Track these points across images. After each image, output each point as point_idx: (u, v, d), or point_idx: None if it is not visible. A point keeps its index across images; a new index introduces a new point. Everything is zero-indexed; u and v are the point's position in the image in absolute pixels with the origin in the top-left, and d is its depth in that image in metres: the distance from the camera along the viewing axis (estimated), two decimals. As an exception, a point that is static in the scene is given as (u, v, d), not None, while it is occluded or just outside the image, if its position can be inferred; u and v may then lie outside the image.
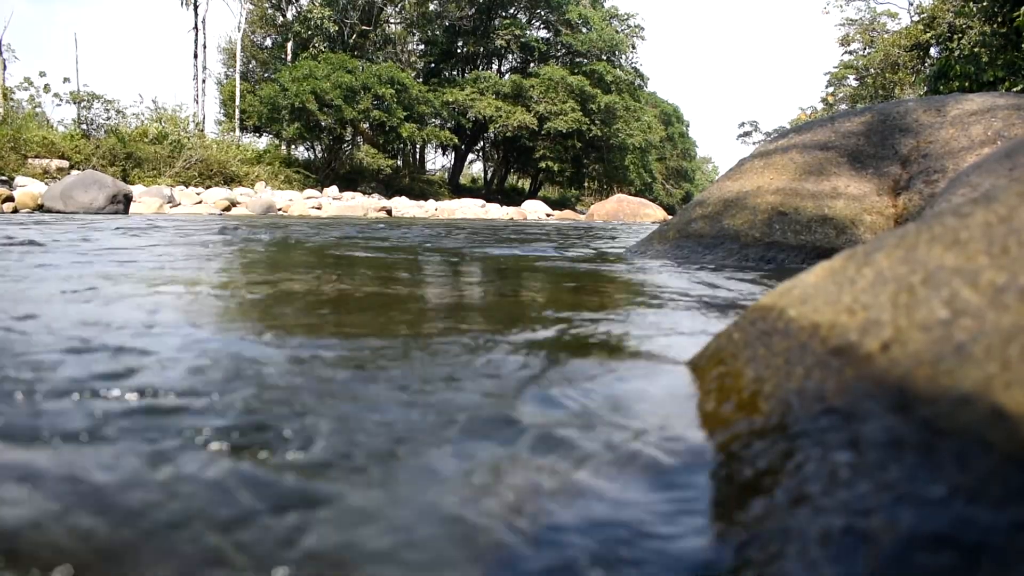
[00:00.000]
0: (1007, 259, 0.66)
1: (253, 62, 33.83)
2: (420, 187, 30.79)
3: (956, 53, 18.18)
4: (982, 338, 0.59)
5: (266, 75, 31.70)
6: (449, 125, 33.09)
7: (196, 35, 28.21)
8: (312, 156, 30.07)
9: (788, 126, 42.59)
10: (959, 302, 0.65)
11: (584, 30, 36.58)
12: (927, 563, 0.46)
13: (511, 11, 36.41)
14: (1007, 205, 0.74)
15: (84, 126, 23.01)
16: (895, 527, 0.49)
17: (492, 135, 34.43)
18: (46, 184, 14.52)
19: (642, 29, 40.52)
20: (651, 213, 19.16)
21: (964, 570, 0.45)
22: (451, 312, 1.83)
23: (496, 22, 35.46)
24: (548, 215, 22.78)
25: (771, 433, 0.69)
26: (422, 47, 36.75)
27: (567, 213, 25.26)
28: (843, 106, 36.30)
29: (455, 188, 34.93)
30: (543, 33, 37.28)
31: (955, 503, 0.48)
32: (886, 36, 31.29)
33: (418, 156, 36.64)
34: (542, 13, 36.73)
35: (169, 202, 14.13)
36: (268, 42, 34.29)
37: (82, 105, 23.35)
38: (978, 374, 0.56)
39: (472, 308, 1.94)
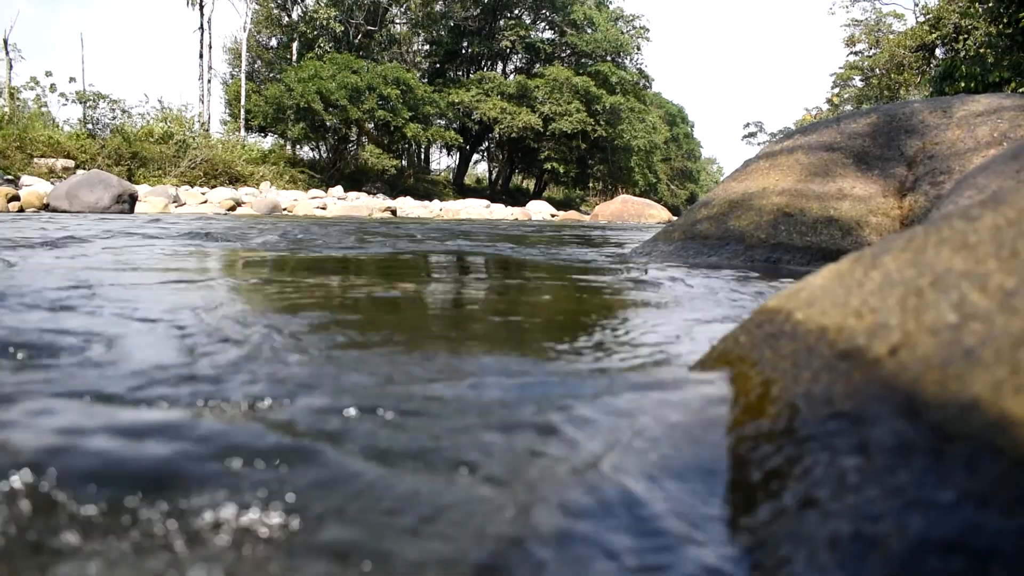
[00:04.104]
0: (1016, 263, 0.65)
1: (258, 62, 33.89)
2: (425, 187, 30.80)
3: (962, 54, 18.14)
4: (991, 342, 0.59)
5: (271, 75, 31.73)
6: (454, 126, 33.09)
7: (202, 35, 28.28)
8: (317, 156, 30.12)
9: (793, 127, 42.57)
10: (968, 306, 0.65)
11: (589, 31, 36.52)
12: (936, 569, 0.46)
13: (516, 12, 36.39)
14: (1016, 208, 0.73)
15: (90, 126, 23.10)
16: (904, 532, 0.49)
17: (497, 135, 34.42)
18: (52, 183, 14.56)
19: (647, 30, 40.46)
20: (656, 214, 19.15)
21: (973, 576, 0.45)
22: (446, 311, 1.83)
23: (501, 23, 35.44)
24: (552, 215, 22.81)
25: (778, 437, 0.69)
26: (427, 48, 36.75)
27: (571, 214, 25.28)
28: (848, 107, 36.22)
29: (460, 188, 34.93)
30: (548, 34, 37.25)
31: (964, 509, 0.48)
32: (892, 37, 31.16)
33: (423, 156, 36.66)
34: (547, 14, 36.69)
35: (174, 202, 14.18)
36: (273, 42, 34.35)
37: (88, 105, 23.45)
38: (987, 379, 0.56)
39: (476, 304, 1.94)
